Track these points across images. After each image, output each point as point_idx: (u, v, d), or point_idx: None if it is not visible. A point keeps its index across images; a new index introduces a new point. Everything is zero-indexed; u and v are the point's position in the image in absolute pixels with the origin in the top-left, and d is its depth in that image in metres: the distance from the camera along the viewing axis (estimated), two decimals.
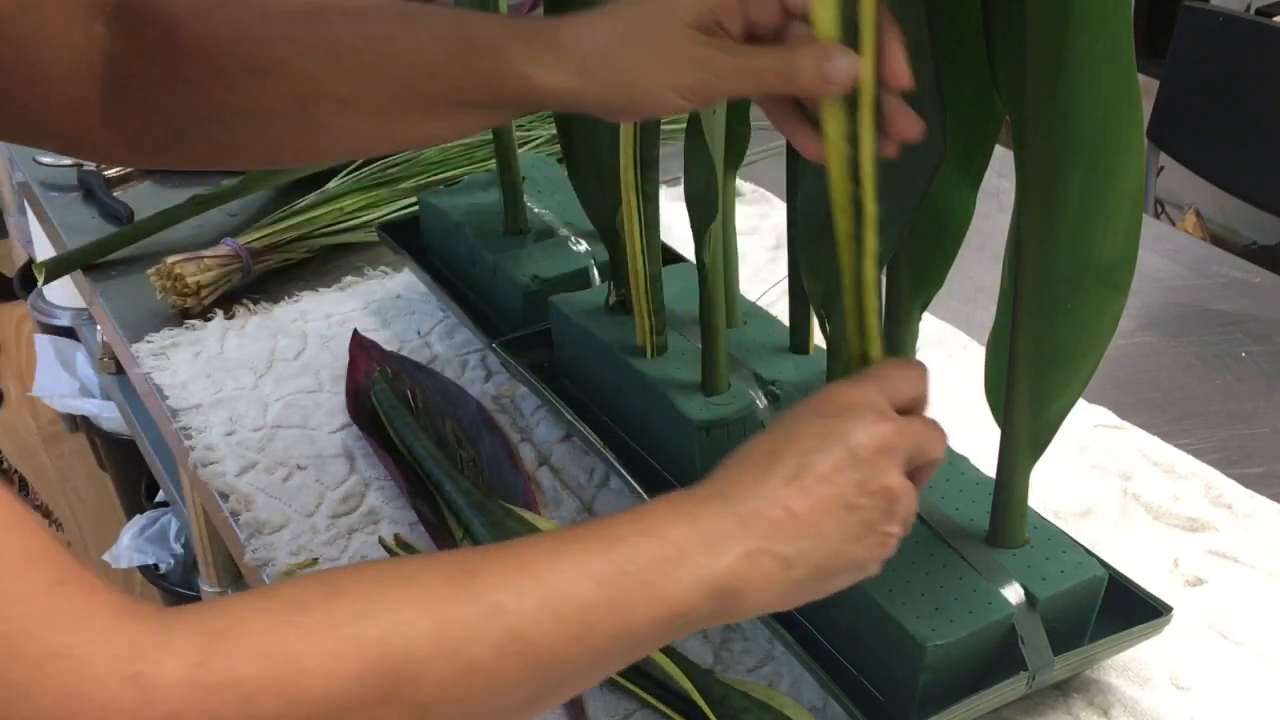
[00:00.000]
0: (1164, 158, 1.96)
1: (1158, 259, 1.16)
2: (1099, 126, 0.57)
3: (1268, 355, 1.03)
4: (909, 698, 0.67)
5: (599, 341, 0.90)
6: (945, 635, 0.65)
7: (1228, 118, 1.85)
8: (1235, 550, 0.83)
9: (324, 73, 0.66)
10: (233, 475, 0.94)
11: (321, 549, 0.87)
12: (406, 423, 0.93)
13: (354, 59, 0.66)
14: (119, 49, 0.68)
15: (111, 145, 0.71)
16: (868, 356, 0.64)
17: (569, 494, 0.92)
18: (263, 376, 1.05)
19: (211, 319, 1.12)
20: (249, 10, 0.68)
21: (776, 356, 0.87)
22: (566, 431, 0.97)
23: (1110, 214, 0.59)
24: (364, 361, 1.01)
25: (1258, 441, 0.93)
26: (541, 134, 1.34)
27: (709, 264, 0.80)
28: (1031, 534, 0.71)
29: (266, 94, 0.67)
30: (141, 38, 0.68)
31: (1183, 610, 0.75)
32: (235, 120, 0.68)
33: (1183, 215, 2.53)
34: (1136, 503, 0.87)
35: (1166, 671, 0.75)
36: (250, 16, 0.68)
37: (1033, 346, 0.64)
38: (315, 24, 0.67)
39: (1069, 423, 0.67)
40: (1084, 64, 0.55)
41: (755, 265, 1.17)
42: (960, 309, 1.08)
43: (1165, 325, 1.07)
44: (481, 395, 1.01)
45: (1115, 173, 0.58)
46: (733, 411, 0.83)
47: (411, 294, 1.15)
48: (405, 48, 0.65)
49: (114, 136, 0.69)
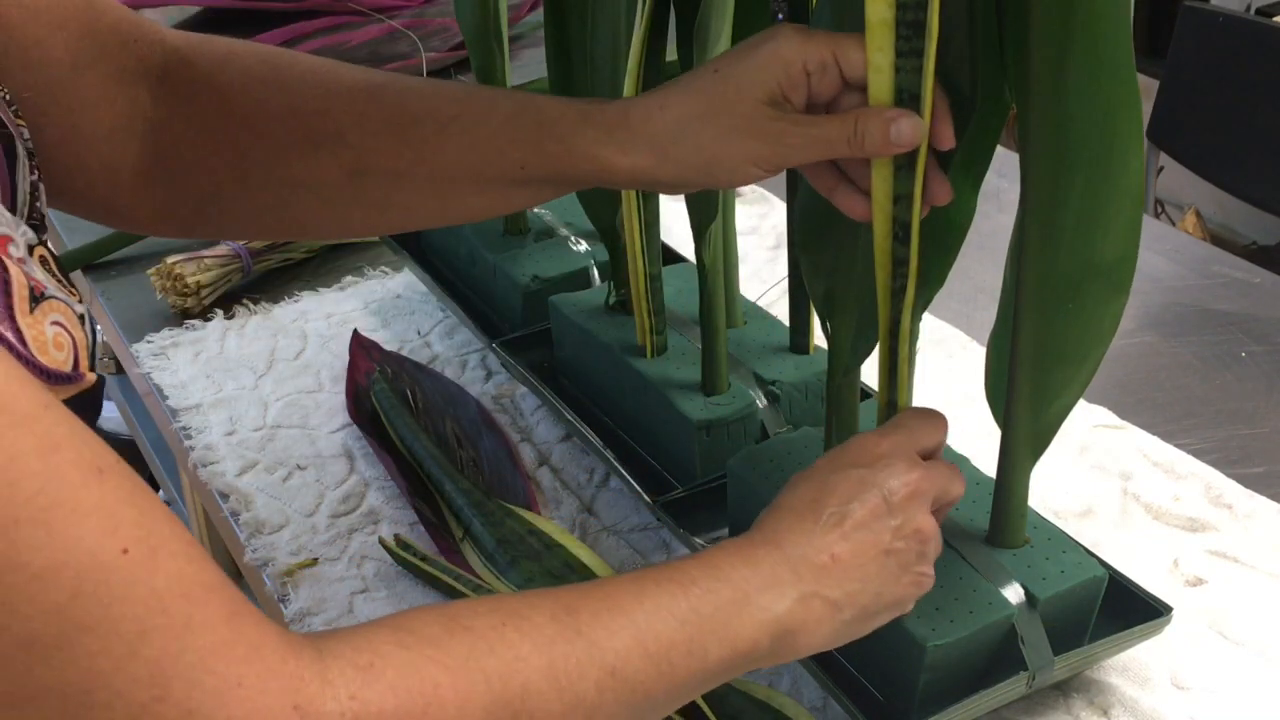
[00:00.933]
0: (1164, 158, 1.96)
1: (1158, 259, 1.16)
2: (1099, 127, 0.57)
3: (1268, 355, 1.03)
4: (909, 698, 0.67)
5: (599, 341, 0.90)
6: (945, 635, 0.65)
7: (1228, 118, 1.85)
8: (1235, 550, 0.83)
9: (382, 146, 0.67)
10: (233, 475, 0.94)
11: (321, 549, 0.87)
12: (406, 423, 0.93)
13: (415, 133, 0.67)
14: (163, 115, 0.67)
15: (141, 213, 0.70)
16: (896, 404, 0.68)
17: (569, 494, 0.92)
18: (263, 376, 1.05)
19: (211, 319, 1.12)
20: (306, 81, 0.68)
21: (776, 356, 0.87)
22: (566, 431, 0.97)
23: (1111, 214, 0.59)
24: (364, 361, 1.01)
25: (1258, 441, 0.93)
26: None
27: (709, 264, 0.80)
28: (1031, 534, 0.71)
29: (320, 165, 0.67)
30: (189, 105, 0.68)
31: (1183, 610, 0.75)
32: (283, 189, 0.69)
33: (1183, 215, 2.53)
34: (1136, 503, 0.87)
35: (1166, 671, 0.75)
36: (307, 87, 0.68)
37: (1034, 346, 0.64)
38: (376, 97, 0.67)
39: (1069, 423, 0.67)
40: (1085, 65, 0.55)
41: (755, 265, 1.17)
42: (960, 309, 1.08)
43: (1165, 325, 1.07)
44: (481, 395, 1.01)
45: (1116, 172, 0.58)
46: (733, 411, 0.83)
47: (411, 294, 1.15)
48: (472, 125, 0.66)
49: (145, 204, 0.69)
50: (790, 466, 0.76)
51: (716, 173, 0.63)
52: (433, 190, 0.68)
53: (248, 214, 0.71)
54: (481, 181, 0.67)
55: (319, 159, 0.67)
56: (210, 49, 0.69)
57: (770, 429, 0.84)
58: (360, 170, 0.67)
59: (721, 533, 0.81)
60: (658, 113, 0.63)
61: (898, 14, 0.57)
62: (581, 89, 0.86)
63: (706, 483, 0.83)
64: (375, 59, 1.54)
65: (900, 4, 0.57)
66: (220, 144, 0.68)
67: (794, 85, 0.61)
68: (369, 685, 0.45)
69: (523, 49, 1.63)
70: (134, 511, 0.41)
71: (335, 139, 0.67)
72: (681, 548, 0.85)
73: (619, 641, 0.51)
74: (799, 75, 0.60)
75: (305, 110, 0.67)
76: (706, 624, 0.54)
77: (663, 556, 0.86)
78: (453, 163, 0.67)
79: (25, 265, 0.48)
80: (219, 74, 0.68)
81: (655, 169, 0.64)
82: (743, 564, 0.57)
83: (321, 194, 0.69)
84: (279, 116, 0.67)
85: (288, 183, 0.68)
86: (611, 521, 0.89)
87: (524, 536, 0.84)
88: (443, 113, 0.67)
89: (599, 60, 0.83)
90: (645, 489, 0.84)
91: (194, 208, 0.70)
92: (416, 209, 0.70)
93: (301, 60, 0.69)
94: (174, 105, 0.68)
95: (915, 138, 0.59)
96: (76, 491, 0.40)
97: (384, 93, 0.68)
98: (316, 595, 0.84)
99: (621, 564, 0.85)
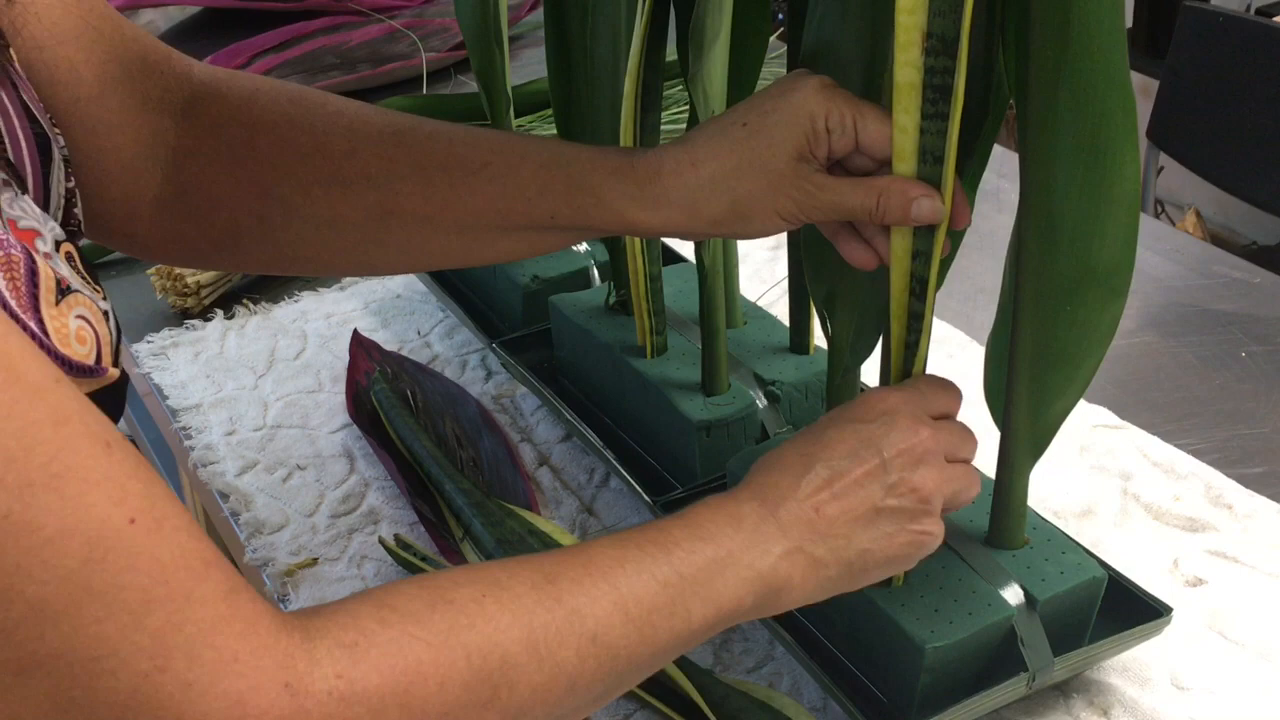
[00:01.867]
0: (1164, 158, 1.96)
1: (1158, 259, 1.16)
2: (1092, 134, 0.57)
3: (1268, 355, 1.03)
4: (909, 699, 0.67)
5: (599, 341, 0.90)
6: (944, 637, 0.65)
7: (1228, 118, 1.85)
8: (1235, 550, 0.83)
9: (410, 190, 0.67)
10: (232, 475, 0.95)
11: (321, 549, 0.87)
12: (406, 423, 0.93)
13: (444, 179, 0.67)
14: (187, 147, 0.67)
15: (159, 243, 0.70)
16: None
17: (569, 494, 0.92)
18: (263, 376, 1.05)
19: (211, 319, 1.12)
20: (335, 121, 0.68)
21: (776, 356, 0.87)
22: (566, 431, 0.97)
23: (1107, 219, 0.59)
24: (364, 361, 1.01)
25: (1258, 441, 0.93)
26: (541, 134, 1.34)
27: (709, 264, 0.80)
28: (1031, 535, 0.71)
29: (345, 205, 0.67)
30: (214, 138, 0.68)
31: (1183, 610, 0.75)
32: (305, 227, 0.69)
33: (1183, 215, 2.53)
34: (1136, 503, 0.87)
35: (1166, 671, 0.75)
36: (336, 128, 0.68)
37: (1032, 349, 0.64)
38: (405, 141, 0.68)
39: (1069, 423, 0.67)
40: (1080, 69, 0.55)
41: (755, 265, 1.17)
42: (960, 309, 1.08)
43: (1165, 325, 1.07)
44: (481, 395, 1.01)
45: (1111, 179, 0.58)
46: (733, 411, 0.83)
47: (411, 294, 1.15)
48: (502, 174, 0.66)
49: (163, 234, 0.69)
50: None
51: (743, 227, 0.65)
52: (459, 235, 0.69)
53: (266, 250, 0.71)
54: (509, 228, 0.68)
55: (345, 199, 0.67)
56: (238, 84, 0.69)
57: (770, 429, 0.84)
58: (386, 212, 0.67)
59: None
60: (690, 170, 0.64)
61: (925, 77, 0.57)
62: (581, 89, 0.86)
63: (706, 483, 0.83)
64: (375, 59, 1.55)
65: (928, 68, 0.57)
66: (243, 180, 0.68)
67: (818, 141, 0.62)
68: (355, 664, 0.45)
69: (523, 49, 1.64)
70: (140, 484, 0.42)
71: (363, 180, 0.67)
72: None
73: (599, 608, 0.52)
74: (823, 132, 0.62)
75: (333, 151, 0.68)
76: (689, 585, 0.55)
77: None
78: (481, 209, 0.67)
79: (51, 260, 0.49)
80: (246, 110, 0.68)
81: (685, 224, 0.65)
82: (726, 521, 0.57)
83: (345, 234, 0.69)
84: (306, 155, 0.68)
85: (311, 221, 0.68)
86: (611, 521, 0.89)
87: (524, 536, 0.84)
88: (473, 160, 0.67)
89: (599, 60, 0.83)
90: (645, 489, 0.84)
91: (212, 241, 0.70)
92: (441, 251, 0.71)
93: (331, 100, 0.70)
94: (198, 138, 0.68)
95: (934, 217, 0.60)
96: (86, 461, 0.40)
97: (413, 137, 0.68)
98: (316, 595, 0.84)
99: None
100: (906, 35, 0.57)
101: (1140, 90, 2.38)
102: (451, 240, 0.69)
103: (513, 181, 0.66)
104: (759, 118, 0.63)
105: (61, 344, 0.47)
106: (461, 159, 0.67)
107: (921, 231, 0.61)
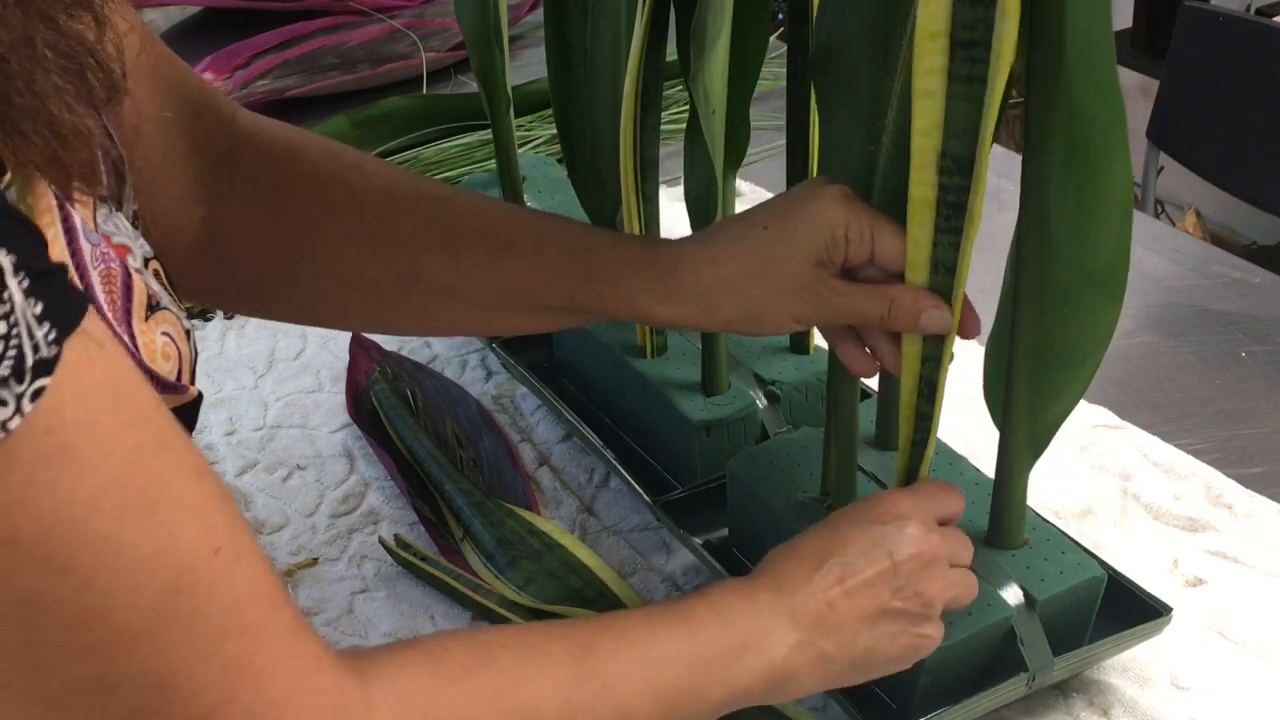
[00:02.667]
0: (1164, 158, 1.96)
1: (1158, 259, 1.16)
2: (1085, 138, 0.57)
3: (1268, 355, 1.03)
4: (908, 699, 0.67)
5: (599, 341, 0.90)
6: (944, 637, 0.65)
7: (1228, 118, 1.85)
8: (1235, 550, 0.83)
9: (437, 260, 0.67)
10: (233, 475, 0.95)
11: (321, 549, 0.87)
12: (406, 423, 0.93)
13: (470, 254, 0.67)
14: (221, 192, 0.67)
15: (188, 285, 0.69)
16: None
17: (569, 494, 0.92)
18: (263, 376, 1.05)
19: (211, 319, 1.12)
20: (373, 183, 0.69)
21: (776, 356, 0.87)
22: (566, 431, 0.97)
23: (1098, 225, 0.60)
24: (364, 361, 1.01)
25: (1258, 441, 0.93)
26: (541, 134, 1.34)
27: None
28: (1031, 534, 0.71)
29: (372, 267, 0.68)
30: (249, 188, 0.68)
31: (1183, 610, 0.75)
32: (330, 285, 0.69)
33: (1183, 215, 2.53)
34: (1136, 503, 0.87)
35: (1166, 671, 0.75)
36: (373, 189, 0.68)
37: (1031, 351, 0.64)
38: (437, 212, 0.68)
39: (1069, 423, 0.67)
40: (1075, 73, 0.55)
41: None
42: None
43: (1165, 325, 1.07)
44: (481, 395, 1.01)
45: (1102, 185, 0.58)
46: (733, 411, 0.83)
47: None
48: (524, 254, 0.67)
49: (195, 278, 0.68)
50: (790, 467, 0.76)
51: (758, 327, 0.66)
52: (478, 307, 0.69)
53: (289, 303, 0.71)
54: (526, 307, 0.69)
55: (373, 261, 0.68)
56: (280, 136, 0.69)
57: (770, 429, 0.84)
58: (411, 277, 0.68)
59: (721, 533, 0.81)
60: (708, 268, 0.65)
61: (939, 194, 0.58)
62: (581, 89, 0.86)
63: (706, 483, 0.83)
64: (375, 59, 1.55)
65: (943, 186, 0.58)
66: (273, 231, 0.68)
67: (836, 248, 0.63)
68: (406, 712, 0.47)
69: (523, 49, 1.63)
70: (225, 516, 0.43)
71: (393, 243, 0.67)
72: (681, 548, 0.85)
73: (630, 683, 0.54)
74: (842, 240, 0.62)
75: (368, 211, 0.68)
76: (710, 667, 0.57)
77: (663, 557, 0.86)
78: (501, 287, 0.68)
79: (143, 276, 0.49)
80: (285, 161, 0.68)
81: (699, 320, 0.67)
82: (745, 607, 0.59)
83: (368, 296, 0.69)
84: (340, 213, 0.68)
85: (336, 280, 0.69)
86: (611, 521, 0.89)
87: (524, 536, 0.84)
88: (498, 236, 0.68)
89: (599, 60, 0.83)
90: (645, 489, 0.84)
91: (238, 289, 0.71)
92: (460, 321, 0.72)
93: (369, 161, 0.70)
94: (233, 185, 0.67)
95: (942, 328, 0.61)
96: (180, 489, 0.41)
97: (445, 206, 0.69)
98: (316, 595, 0.84)
99: (621, 564, 0.85)
100: (922, 156, 0.57)
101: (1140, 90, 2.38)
102: (471, 313, 0.70)
103: (534, 263, 0.67)
104: (780, 222, 0.64)
105: (149, 359, 0.47)
106: (487, 234, 0.68)
107: (931, 337, 0.62)
